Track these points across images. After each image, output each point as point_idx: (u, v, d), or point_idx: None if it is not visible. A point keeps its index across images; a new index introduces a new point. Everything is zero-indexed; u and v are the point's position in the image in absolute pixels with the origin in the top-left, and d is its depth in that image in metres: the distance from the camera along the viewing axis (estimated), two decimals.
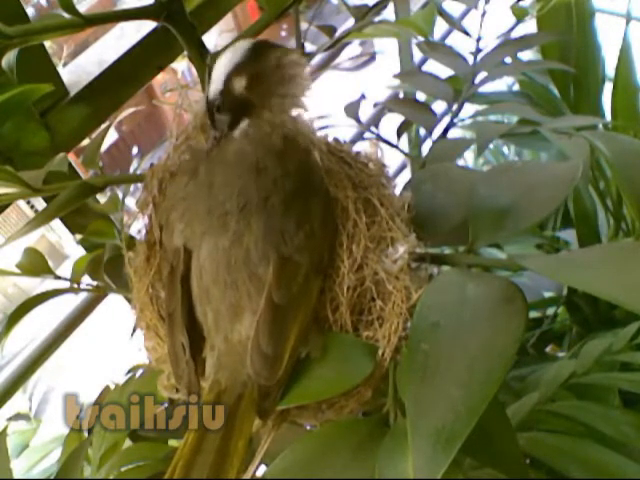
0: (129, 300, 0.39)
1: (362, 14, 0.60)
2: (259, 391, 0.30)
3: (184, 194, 0.35)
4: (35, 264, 0.55)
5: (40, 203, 0.54)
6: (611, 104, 0.77)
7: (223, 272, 0.32)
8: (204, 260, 0.33)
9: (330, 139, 0.40)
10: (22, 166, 0.50)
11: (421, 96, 0.77)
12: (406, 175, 1.20)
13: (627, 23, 0.79)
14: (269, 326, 0.30)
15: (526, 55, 0.88)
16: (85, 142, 0.59)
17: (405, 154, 0.71)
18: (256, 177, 0.34)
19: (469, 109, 0.63)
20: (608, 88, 0.79)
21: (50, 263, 0.56)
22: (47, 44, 0.55)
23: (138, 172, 0.50)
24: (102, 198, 0.50)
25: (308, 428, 0.37)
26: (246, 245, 0.32)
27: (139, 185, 0.41)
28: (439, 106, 0.68)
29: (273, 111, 0.36)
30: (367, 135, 0.63)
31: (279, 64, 0.36)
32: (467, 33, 0.65)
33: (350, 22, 0.61)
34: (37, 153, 0.54)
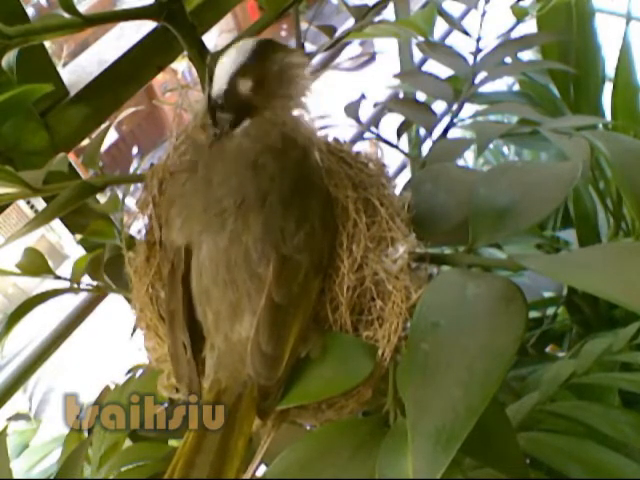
0: (129, 300, 0.39)
1: (362, 14, 0.60)
2: (259, 391, 0.30)
3: (182, 191, 0.35)
4: (35, 264, 0.55)
5: (40, 203, 0.54)
6: (611, 104, 0.77)
7: (223, 272, 0.32)
8: (204, 259, 0.33)
9: (330, 139, 0.40)
10: (22, 166, 0.51)
11: (421, 96, 0.77)
12: (406, 175, 1.20)
13: (627, 23, 0.79)
14: (269, 326, 0.30)
15: (526, 55, 0.88)
16: (85, 142, 0.59)
17: (405, 154, 0.71)
18: (254, 174, 0.33)
19: (469, 109, 0.63)
20: (608, 88, 0.79)
21: (50, 263, 0.56)
22: (47, 44, 0.55)
23: (138, 172, 0.50)
24: (102, 198, 0.50)
25: (308, 428, 0.37)
26: (245, 244, 0.32)
27: (139, 185, 0.41)
28: (439, 106, 0.68)
29: (275, 111, 0.36)
30: (367, 135, 0.63)
31: (283, 66, 0.36)
32: (467, 33, 0.65)
33: (350, 22, 0.61)
34: (37, 153, 0.54)
